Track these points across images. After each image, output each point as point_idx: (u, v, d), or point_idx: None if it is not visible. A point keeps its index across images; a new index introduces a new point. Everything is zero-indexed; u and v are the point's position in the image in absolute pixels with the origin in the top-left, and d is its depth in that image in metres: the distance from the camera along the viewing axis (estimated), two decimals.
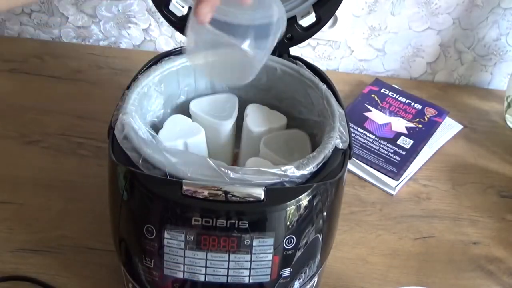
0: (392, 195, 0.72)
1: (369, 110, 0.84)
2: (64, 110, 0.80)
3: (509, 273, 0.64)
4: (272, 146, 0.55)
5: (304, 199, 0.44)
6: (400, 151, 0.77)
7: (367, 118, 0.82)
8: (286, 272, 0.46)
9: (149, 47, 0.96)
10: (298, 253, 0.45)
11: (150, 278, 0.46)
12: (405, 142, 0.78)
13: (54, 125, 0.78)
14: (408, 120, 0.83)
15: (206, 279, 0.44)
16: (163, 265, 0.44)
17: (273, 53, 0.59)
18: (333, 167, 0.47)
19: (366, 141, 0.78)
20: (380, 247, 0.65)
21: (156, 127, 0.57)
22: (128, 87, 0.53)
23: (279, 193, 0.44)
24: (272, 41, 0.48)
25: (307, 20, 0.58)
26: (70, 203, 0.67)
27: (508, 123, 0.86)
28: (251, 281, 0.44)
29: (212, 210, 0.43)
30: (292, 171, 0.44)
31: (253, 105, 0.60)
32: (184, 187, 0.42)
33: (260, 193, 0.42)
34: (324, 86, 0.55)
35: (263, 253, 0.44)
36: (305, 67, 0.58)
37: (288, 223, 0.44)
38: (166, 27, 0.93)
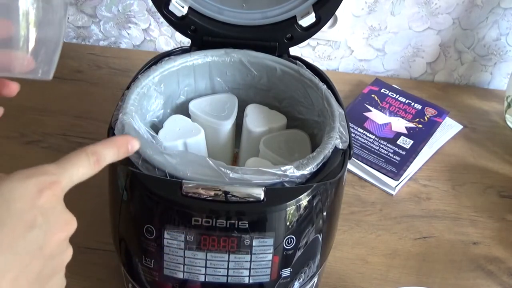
0: (392, 195, 0.72)
1: (369, 110, 0.84)
2: (64, 110, 0.80)
3: (509, 273, 0.64)
4: (272, 146, 0.55)
5: (304, 199, 0.44)
6: (400, 151, 0.77)
7: (367, 118, 0.82)
8: (286, 272, 0.45)
9: (149, 47, 0.96)
10: (298, 253, 0.45)
11: (150, 278, 0.46)
12: (405, 142, 0.78)
13: (54, 125, 0.78)
14: (408, 120, 0.83)
15: (206, 279, 0.44)
16: (163, 265, 0.44)
17: (273, 53, 0.59)
18: (333, 167, 0.47)
19: (366, 141, 0.78)
20: (380, 247, 0.65)
21: (156, 127, 0.57)
22: (128, 87, 0.53)
23: (279, 193, 0.44)
24: None
25: (307, 20, 0.58)
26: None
27: (508, 123, 0.86)
28: (251, 281, 0.44)
29: (212, 210, 0.43)
30: (292, 171, 0.44)
31: (253, 105, 0.60)
32: (184, 187, 0.42)
33: (260, 193, 0.42)
34: (324, 86, 0.55)
35: (263, 253, 0.44)
36: (305, 67, 0.58)
37: (288, 223, 0.44)
38: (166, 27, 0.93)
